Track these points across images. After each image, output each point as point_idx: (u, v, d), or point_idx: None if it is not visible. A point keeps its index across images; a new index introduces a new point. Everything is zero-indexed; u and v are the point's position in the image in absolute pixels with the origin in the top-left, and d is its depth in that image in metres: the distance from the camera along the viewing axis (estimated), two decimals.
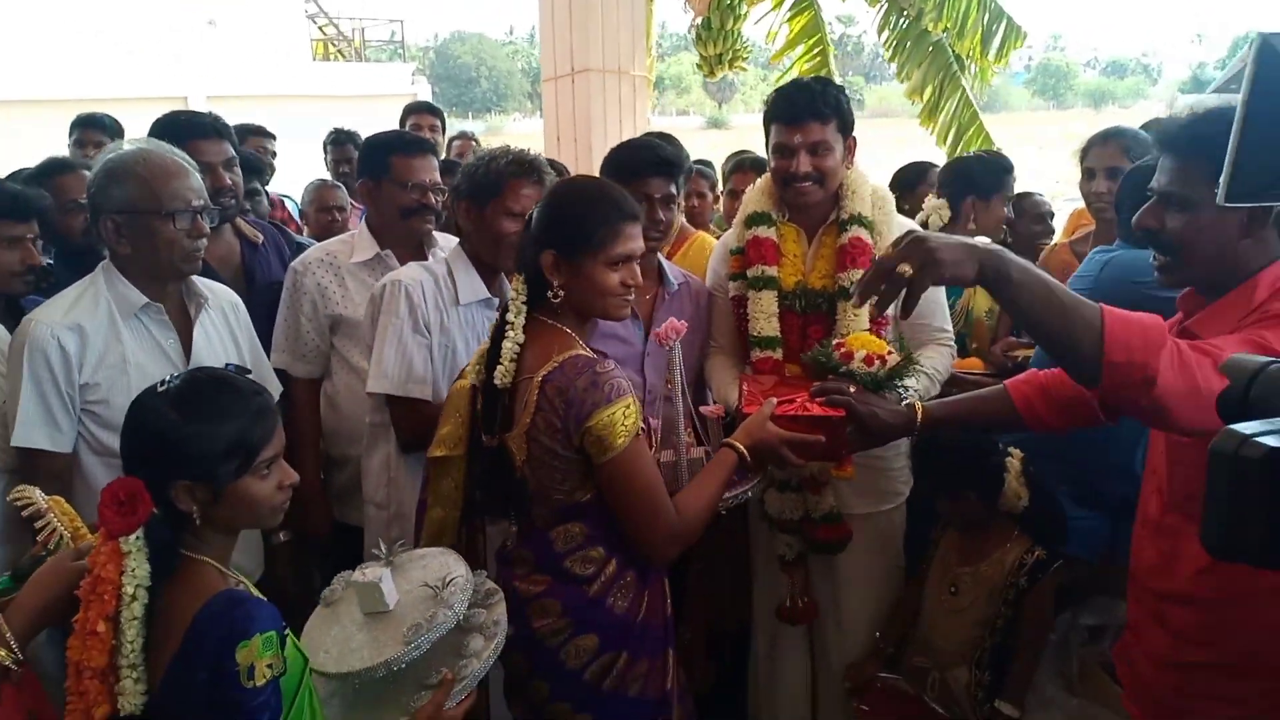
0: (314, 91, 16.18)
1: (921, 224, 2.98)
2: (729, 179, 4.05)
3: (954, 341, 2.49)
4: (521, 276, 1.83)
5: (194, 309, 2.19)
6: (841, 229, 2.32)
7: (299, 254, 2.78)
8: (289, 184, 5.14)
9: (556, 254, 1.77)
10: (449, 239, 2.70)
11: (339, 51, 21.38)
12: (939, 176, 3.40)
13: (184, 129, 2.60)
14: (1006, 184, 3.29)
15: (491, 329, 1.90)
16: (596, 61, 5.50)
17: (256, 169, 3.63)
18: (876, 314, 1.71)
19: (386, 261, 2.63)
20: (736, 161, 4.06)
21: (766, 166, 2.43)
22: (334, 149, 4.90)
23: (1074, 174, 3.05)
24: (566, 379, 1.70)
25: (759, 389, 2.11)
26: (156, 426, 1.36)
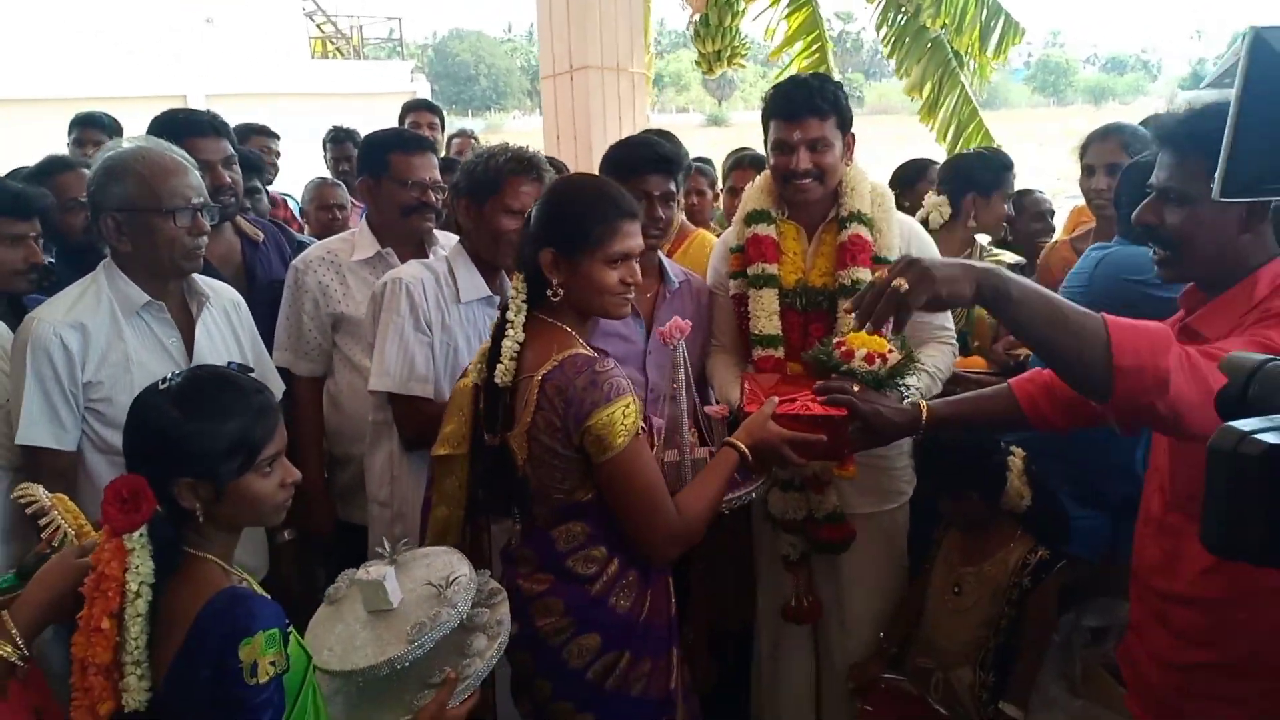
0: (312, 89, 16.15)
1: (921, 221, 2.97)
2: (729, 176, 4.04)
3: (956, 339, 2.49)
4: (521, 275, 1.83)
5: (196, 307, 2.19)
6: (841, 226, 2.31)
7: (300, 252, 2.78)
8: (289, 182, 5.14)
9: (555, 252, 1.77)
10: (449, 237, 2.71)
11: (337, 49, 21.35)
12: (939, 173, 3.39)
13: (182, 127, 2.60)
14: (1007, 181, 3.28)
15: (493, 327, 1.90)
16: (595, 59, 5.50)
17: (256, 167, 3.63)
18: (872, 329, 1.72)
19: (387, 259, 2.63)
20: (736, 159, 4.05)
21: (766, 164, 2.42)
22: (333, 147, 4.90)
23: (1074, 171, 3.04)
24: (566, 378, 1.70)
25: (760, 387, 2.10)
26: (158, 424, 1.36)
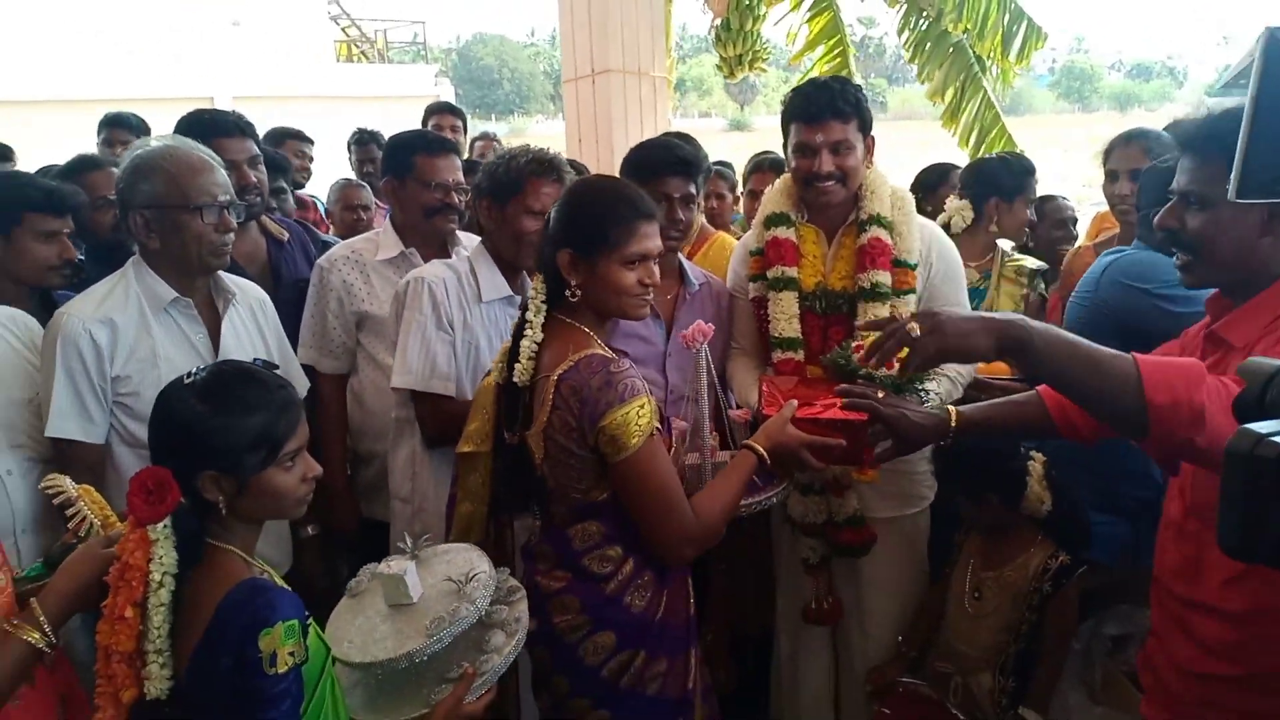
0: (337, 93, 16.31)
1: (943, 225, 2.96)
2: (749, 180, 4.05)
3: None
4: (541, 275, 1.85)
5: (222, 304, 2.22)
6: (861, 229, 2.30)
7: (324, 252, 2.81)
8: (313, 183, 5.18)
9: (573, 253, 1.78)
10: (471, 238, 2.72)
11: (362, 53, 21.52)
12: (961, 177, 3.37)
13: (208, 127, 2.64)
14: (1029, 186, 3.27)
15: (513, 327, 1.91)
16: (617, 62, 5.51)
17: (281, 168, 3.67)
18: (877, 366, 1.72)
19: (411, 259, 2.65)
20: (756, 162, 4.05)
21: (786, 167, 2.42)
22: (358, 149, 4.95)
23: (1099, 177, 3.02)
24: (581, 378, 1.71)
25: (779, 390, 2.10)
26: (183, 418, 1.38)
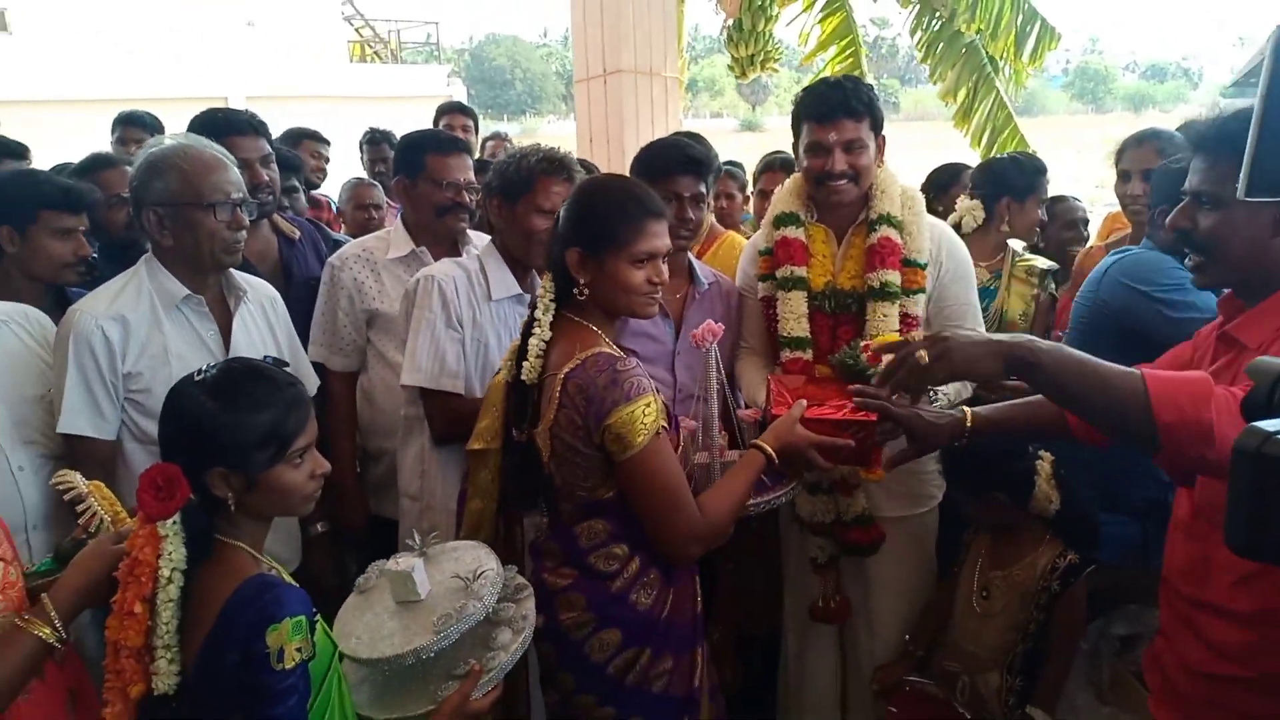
0: (351, 92, 16.38)
1: (954, 225, 2.95)
2: (759, 179, 4.04)
3: None
4: (550, 274, 1.85)
5: (233, 302, 2.24)
6: (870, 229, 2.30)
7: (335, 250, 2.83)
8: (326, 182, 5.19)
9: (581, 251, 1.78)
10: (482, 237, 2.73)
11: (375, 53, 21.62)
12: (972, 177, 3.37)
13: (222, 126, 2.66)
14: (1041, 186, 3.25)
15: (522, 325, 1.91)
16: (628, 63, 5.52)
17: (293, 166, 3.68)
18: (891, 393, 1.71)
19: (421, 258, 2.66)
20: (766, 162, 4.05)
21: (797, 167, 2.41)
22: (370, 148, 4.96)
23: (1112, 178, 3.00)
24: (588, 376, 1.71)
25: (786, 389, 2.10)
26: (194, 415, 1.39)
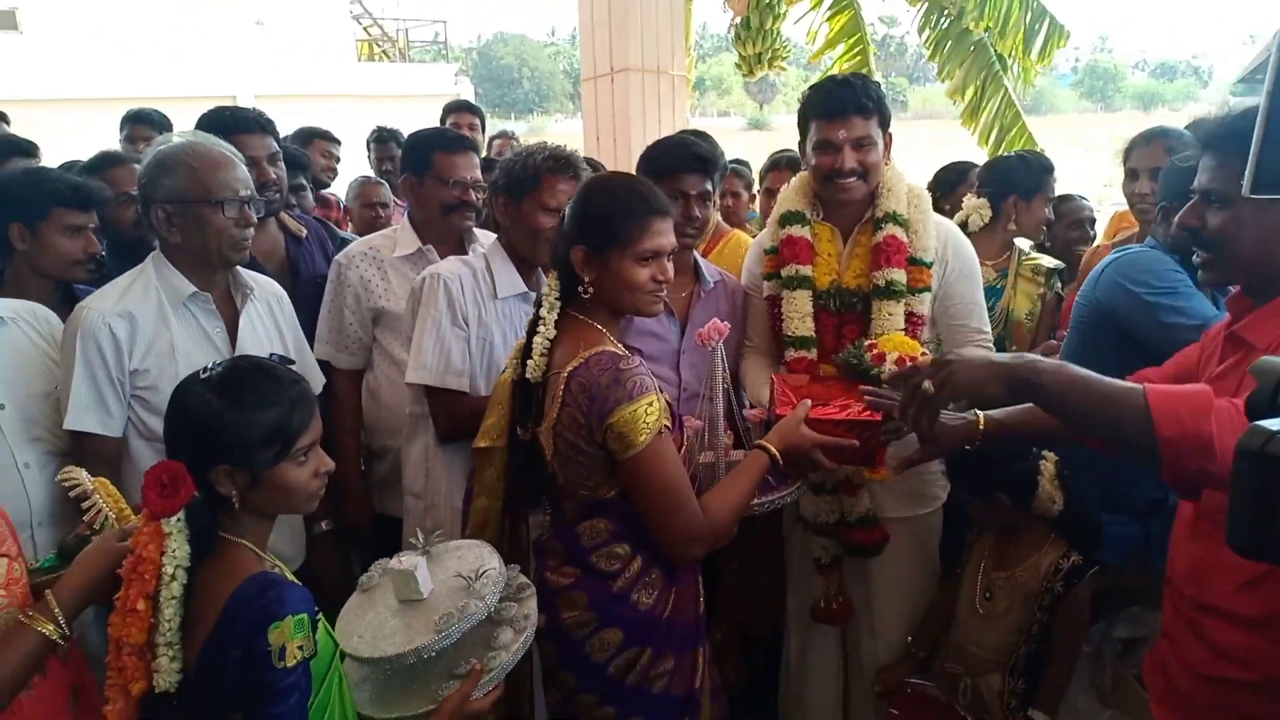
0: (359, 91, 16.39)
1: (961, 224, 2.94)
2: (765, 178, 4.04)
3: (992, 344, 2.46)
4: (555, 272, 1.85)
5: (240, 299, 2.24)
6: (876, 227, 2.29)
7: (342, 248, 2.83)
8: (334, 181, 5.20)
9: (586, 249, 1.78)
10: (488, 235, 2.74)
11: (383, 52, 21.67)
12: (979, 175, 3.36)
13: (230, 124, 2.66)
14: (1048, 184, 3.24)
15: (528, 323, 1.91)
16: (636, 61, 5.51)
17: (301, 165, 3.70)
18: (907, 432, 1.72)
19: (427, 256, 2.66)
20: (773, 160, 4.05)
21: (804, 165, 2.40)
22: (377, 147, 4.97)
23: (1120, 177, 2.99)
24: (590, 375, 1.71)
25: (790, 389, 2.09)
26: (199, 412, 1.39)
